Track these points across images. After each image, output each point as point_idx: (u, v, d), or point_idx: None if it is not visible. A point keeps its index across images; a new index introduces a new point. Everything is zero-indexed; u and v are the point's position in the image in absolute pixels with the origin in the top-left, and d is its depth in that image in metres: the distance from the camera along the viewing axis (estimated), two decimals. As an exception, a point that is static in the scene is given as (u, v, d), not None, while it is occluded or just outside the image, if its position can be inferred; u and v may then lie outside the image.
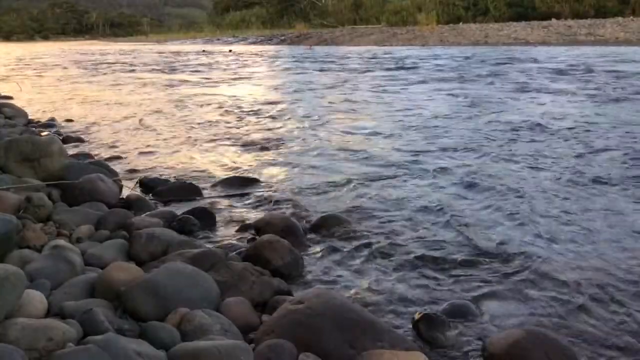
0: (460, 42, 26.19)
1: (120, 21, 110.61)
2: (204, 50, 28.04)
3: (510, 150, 4.38)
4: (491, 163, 3.98)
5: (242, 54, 23.88)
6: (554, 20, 30.19)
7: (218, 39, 45.39)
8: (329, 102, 7.55)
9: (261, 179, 3.66)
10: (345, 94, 8.52)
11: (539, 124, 5.39)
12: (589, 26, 25.83)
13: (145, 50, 32.38)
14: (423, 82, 10.03)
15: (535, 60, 14.13)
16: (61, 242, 2.09)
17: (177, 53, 26.40)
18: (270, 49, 29.54)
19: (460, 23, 34.59)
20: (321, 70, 13.55)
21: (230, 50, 27.19)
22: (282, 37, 38.87)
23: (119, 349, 1.34)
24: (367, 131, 5.36)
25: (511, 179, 3.54)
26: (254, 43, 37.72)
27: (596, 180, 3.46)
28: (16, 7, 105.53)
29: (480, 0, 37.62)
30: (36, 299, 1.61)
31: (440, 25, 33.43)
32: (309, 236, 2.65)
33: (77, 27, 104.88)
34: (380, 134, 5.22)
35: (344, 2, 47.77)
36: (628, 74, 9.88)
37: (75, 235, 2.38)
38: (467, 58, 15.99)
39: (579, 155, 4.11)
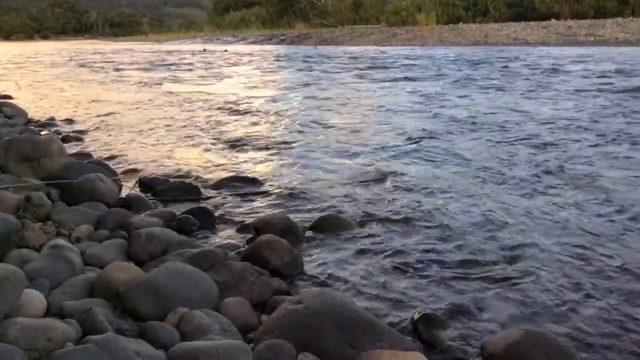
0: (460, 42, 26.17)
1: (120, 21, 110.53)
2: (204, 49, 28.14)
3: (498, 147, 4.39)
4: (484, 157, 3.99)
5: (241, 54, 23.85)
6: (553, 21, 30.16)
7: (218, 39, 45.35)
8: (326, 101, 7.54)
9: (260, 179, 3.65)
10: (341, 92, 8.52)
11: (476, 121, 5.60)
12: (589, 26, 25.82)
13: (145, 49, 32.34)
14: (406, 80, 10.24)
15: (517, 60, 14.23)
16: (60, 241, 2.09)
17: (177, 53, 26.37)
18: (270, 48, 29.51)
19: (460, 23, 34.57)
20: (320, 70, 13.53)
21: (225, 50, 27.41)
22: (282, 37, 38.82)
23: (118, 348, 1.34)
24: (363, 131, 5.36)
25: (505, 179, 3.55)
26: (253, 43, 37.70)
27: (576, 180, 3.47)
28: (16, 7, 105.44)
29: (480, 1, 37.59)
30: (35, 298, 1.61)
31: (440, 26, 33.41)
32: (308, 236, 2.65)
33: (76, 26, 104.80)
34: (376, 134, 5.23)
35: (344, 2, 47.72)
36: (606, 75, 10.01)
37: (75, 234, 2.37)
38: (457, 57, 16.02)
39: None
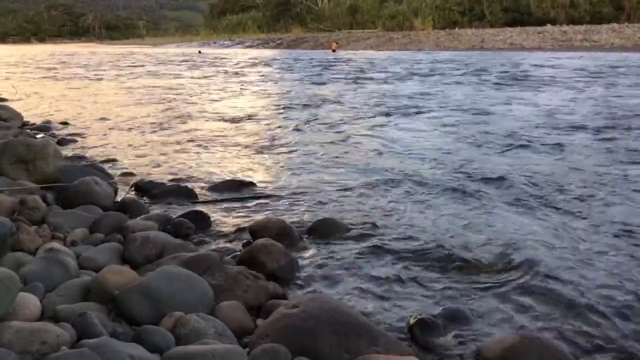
0: (457, 46, 26.27)
1: (117, 24, 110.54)
2: (199, 52, 28.45)
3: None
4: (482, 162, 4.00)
5: (238, 58, 23.88)
6: (549, 26, 30.34)
7: (215, 42, 45.43)
8: (322, 107, 7.56)
9: (257, 183, 3.65)
10: (335, 97, 8.54)
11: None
12: (584, 32, 26.01)
13: (142, 52, 32.35)
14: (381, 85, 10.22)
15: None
16: (55, 245, 2.09)
17: (173, 55, 26.40)
18: (268, 52, 29.58)
19: (457, 28, 34.71)
20: (319, 75, 13.57)
21: (199, 52, 28.03)
22: (279, 41, 38.95)
23: (112, 352, 1.34)
24: (359, 136, 5.37)
25: (502, 180, 3.55)
26: (250, 47, 37.78)
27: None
28: (12, 9, 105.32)
29: (476, 6, 37.77)
30: (30, 302, 1.60)
31: (437, 30, 33.56)
32: (304, 240, 2.64)
33: (73, 29, 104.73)
34: (371, 138, 5.24)
35: (341, 6, 47.89)
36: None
37: (70, 238, 2.36)
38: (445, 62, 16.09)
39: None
